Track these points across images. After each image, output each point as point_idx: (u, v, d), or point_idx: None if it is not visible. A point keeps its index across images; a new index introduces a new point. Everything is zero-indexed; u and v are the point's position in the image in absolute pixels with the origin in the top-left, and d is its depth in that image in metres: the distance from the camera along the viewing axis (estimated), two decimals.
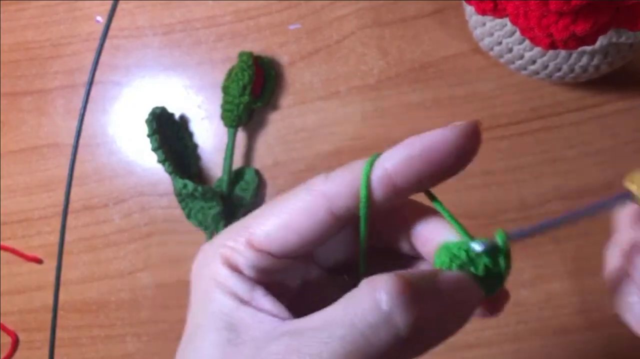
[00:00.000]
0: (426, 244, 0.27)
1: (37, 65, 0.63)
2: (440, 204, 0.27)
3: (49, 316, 0.59)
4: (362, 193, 0.25)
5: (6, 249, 0.60)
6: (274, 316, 0.26)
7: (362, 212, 0.26)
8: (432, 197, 0.27)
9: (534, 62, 0.52)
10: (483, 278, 0.26)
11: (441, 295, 0.24)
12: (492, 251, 0.26)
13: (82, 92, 0.61)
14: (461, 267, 0.26)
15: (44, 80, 0.62)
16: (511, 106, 0.58)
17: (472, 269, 0.26)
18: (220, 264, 0.27)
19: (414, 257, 0.29)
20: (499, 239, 0.26)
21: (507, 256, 0.26)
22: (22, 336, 0.59)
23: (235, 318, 0.26)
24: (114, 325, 0.58)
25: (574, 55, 0.50)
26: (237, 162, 0.59)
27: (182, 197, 0.57)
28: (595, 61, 0.51)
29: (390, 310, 0.23)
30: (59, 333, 0.59)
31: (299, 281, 0.29)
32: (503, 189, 0.57)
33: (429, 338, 0.24)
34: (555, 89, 0.58)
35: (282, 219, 0.26)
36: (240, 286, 0.26)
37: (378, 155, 0.26)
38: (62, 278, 0.59)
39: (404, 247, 0.29)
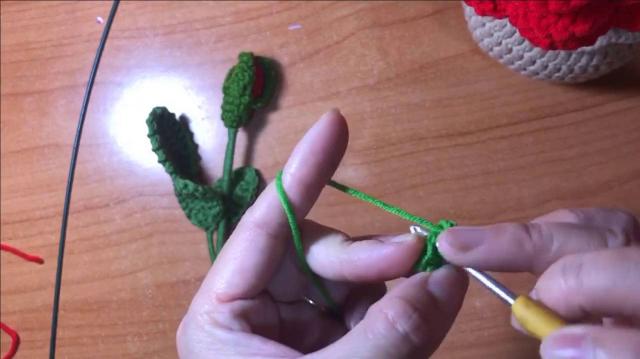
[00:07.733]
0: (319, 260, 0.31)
1: (38, 66, 0.63)
2: (356, 191, 0.32)
3: (50, 315, 0.59)
4: (282, 199, 0.30)
5: (7, 249, 0.60)
6: (283, 357, 0.28)
7: (289, 215, 0.30)
8: (343, 188, 0.32)
9: (533, 62, 0.52)
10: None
11: (439, 302, 0.28)
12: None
13: (83, 92, 0.62)
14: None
15: (45, 81, 0.62)
16: (510, 106, 0.58)
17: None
18: (214, 329, 0.29)
19: None
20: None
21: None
22: (23, 336, 0.59)
23: None
24: (114, 325, 0.59)
25: (573, 55, 0.51)
26: (238, 163, 0.60)
27: (183, 198, 0.58)
28: (595, 61, 0.51)
29: (404, 331, 0.26)
30: (59, 333, 0.59)
31: (276, 320, 0.32)
32: (502, 189, 0.57)
33: (437, 336, 0.28)
34: (554, 89, 0.58)
35: (234, 265, 0.30)
36: (242, 342, 0.28)
37: (281, 171, 0.31)
38: (63, 278, 0.59)
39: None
